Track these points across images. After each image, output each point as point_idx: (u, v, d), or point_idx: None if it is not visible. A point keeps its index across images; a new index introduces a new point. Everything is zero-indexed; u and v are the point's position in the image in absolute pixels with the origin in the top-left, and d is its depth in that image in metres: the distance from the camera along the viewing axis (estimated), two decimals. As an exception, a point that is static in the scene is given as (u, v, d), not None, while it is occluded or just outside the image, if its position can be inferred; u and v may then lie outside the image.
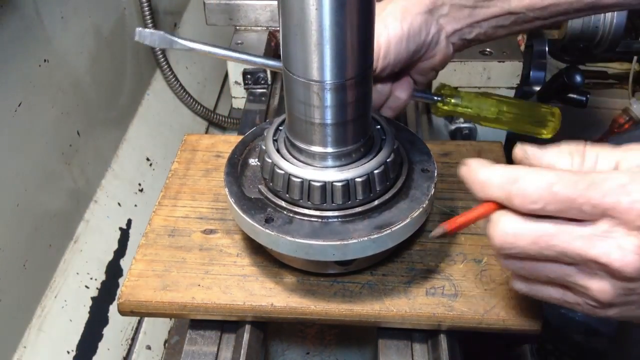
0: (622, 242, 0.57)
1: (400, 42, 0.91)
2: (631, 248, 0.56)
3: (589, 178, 0.57)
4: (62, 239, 1.31)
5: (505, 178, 0.60)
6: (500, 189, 0.60)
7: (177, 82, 1.80)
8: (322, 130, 0.77)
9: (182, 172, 1.04)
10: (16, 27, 1.14)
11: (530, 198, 0.58)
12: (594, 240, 0.58)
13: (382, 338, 0.86)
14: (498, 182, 0.60)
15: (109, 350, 1.32)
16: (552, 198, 0.57)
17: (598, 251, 0.57)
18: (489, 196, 0.61)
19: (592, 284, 0.60)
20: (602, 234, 0.57)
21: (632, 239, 0.56)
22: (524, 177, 0.58)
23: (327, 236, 0.76)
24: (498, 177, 0.60)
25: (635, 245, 0.56)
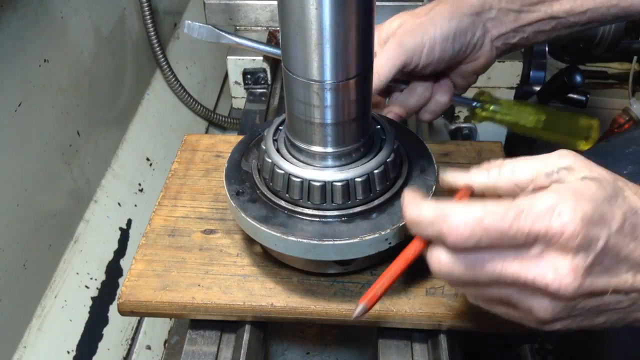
0: (557, 263, 0.57)
1: (446, 41, 0.92)
2: (566, 269, 0.56)
3: (517, 206, 0.57)
4: (62, 239, 1.31)
5: (434, 217, 0.59)
6: (432, 228, 0.59)
7: (177, 82, 1.80)
8: (322, 130, 0.77)
9: (182, 172, 1.04)
10: (16, 27, 1.14)
11: (462, 236, 0.57)
12: (529, 264, 0.58)
13: (382, 338, 0.86)
14: (428, 220, 0.60)
15: (109, 350, 1.32)
16: (484, 233, 0.57)
17: (534, 274, 0.57)
18: (422, 234, 0.61)
19: (533, 304, 0.60)
20: (536, 256, 0.57)
21: (567, 259, 0.56)
22: (453, 215, 0.58)
23: (327, 236, 0.76)
24: (428, 216, 0.60)
25: (570, 266, 0.56)
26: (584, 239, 0.56)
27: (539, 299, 0.59)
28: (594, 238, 0.56)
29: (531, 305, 0.60)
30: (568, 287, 0.57)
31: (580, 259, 0.56)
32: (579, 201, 0.56)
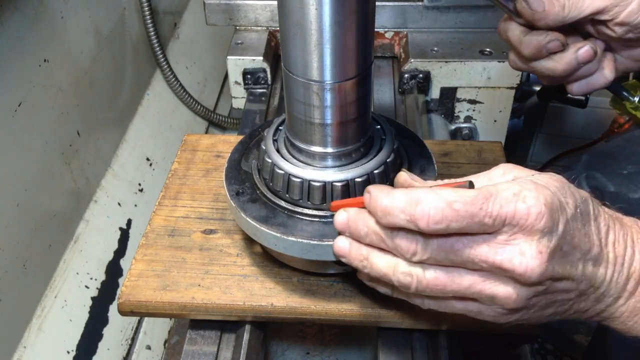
0: (523, 247, 0.58)
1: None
2: (532, 253, 0.58)
3: (485, 191, 0.58)
4: (62, 239, 1.31)
5: (407, 202, 0.59)
6: (403, 214, 0.59)
7: (177, 82, 1.80)
8: (322, 130, 0.77)
9: (182, 172, 1.04)
10: (16, 27, 1.14)
11: (433, 219, 0.58)
12: (496, 248, 0.59)
13: (382, 338, 0.86)
14: (400, 207, 0.59)
15: (109, 350, 1.32)
16: (454, 216, 0.57)
17: (501, 257, 0.59)
18: (393, 222, 0.61)
19: (498, 291, 0.61)
20: (504, 241, 0.59)
21: (532, 243, 0.58)
22: (424, 199, 0.58)
23: (327, 236, 0.76)
24: (400, 202, 0.60)
25: (535, 249, 0.58)
26: (548, 222, 0.58)
27: (504, 285, 0.61)
28: (555, 222, 0.59)
29: (495, 293, 0.61)
30: (534, 271, 0.58)
31: (545, 243, 0.58)
32: (539, 188, 0.59)
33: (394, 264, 0.64)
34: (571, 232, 0.60)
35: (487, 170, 0.67)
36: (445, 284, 0.62)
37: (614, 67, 0.86)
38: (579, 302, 0.65)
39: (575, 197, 0.62)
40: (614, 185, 1.42)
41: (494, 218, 0.58)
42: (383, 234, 0.63)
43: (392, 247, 0.63)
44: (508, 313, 0.64)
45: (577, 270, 0.62)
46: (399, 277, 0.64)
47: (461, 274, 0.62)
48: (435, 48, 1.45)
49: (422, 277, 0.62)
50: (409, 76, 1.44)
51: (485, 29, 1.47)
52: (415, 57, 1.44)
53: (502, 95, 1.46)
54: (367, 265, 0.66)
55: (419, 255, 0.61)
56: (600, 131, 2.00)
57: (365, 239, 0.65)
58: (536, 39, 0.81)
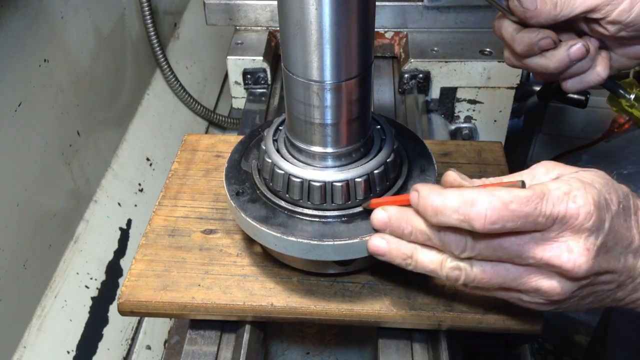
0: (571, 244, 0.60)
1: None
2: (580, 250, 0.60)
3: (539, 191, 0.60)
4: (62, 239, 1.31)
5: (461, 202, 0.60)
6: (457, 214, 0.60)
7: (177, 82, 1.80)
8: (322, 130, 0.77)
9: (182, 172, 1.04)
10: (16, 27, 1.14)
11: (489, 219, 0.59)
12: (545, 245, 0.61)
13: (382, 338, 0.86)
14: (454, 207, 0.60)
15: (109, 350, 1.32)
16: (510, 216, 0.59)
17: (550, 254, 0.61)
18: (445, 222, 0.61)
19: (543, 284, 0.63)
20: (552, 238, 0.61)
21: (580, 241, 0.60)
22: (480, 200, 0.59)
23: (326, 236, 0.76)
24: (453, 202, 0.60)
25: (583, 246, 0.60)
26: (596, 221, 0.60)
27: (549, 279, 0.63)
28: (602, 220, 0.61)
29: (540, 286, 0.63)
30: (582, 267, 0.60)
31: (592, 241, 0.60)
32: (587, 187, 0.61)
33: (441, 259, 0.65)
34: (615, 228, 0.62)
35: (530, 169, 0.68)
36: (491, 277, 0.64)
37: (608, 65, 0.86)
38: (616, 292, 0.67)
39: (618, 193, 0.64)
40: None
41: (547, 217, 0.59)
42: (430, 232, 0.64)
43: (440, 245, 0.64)
44: (550, 304, 0.66)
45: (619, 263, 0.64)
46: (446, 271, 0.65)
47: (507, 269, 0.63)
48: (435, 48, 1.45)
49: (469, 271, 0.64)
50: (409, 76, 1.44)
51: (485, 29, 1.47)
52: (415, 57, 1.44)
53: (502, 95, 1.46)
54: (411, 262, 0.67)
55: (468, 252, 0.63)
56: (600, 131, 2.00)
57: (408, 237, 0.66)
58: (528, 37, 0.82)
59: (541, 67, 0.84)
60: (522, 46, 0.83)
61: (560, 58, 0.82)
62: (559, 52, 0.82)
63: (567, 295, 0.64)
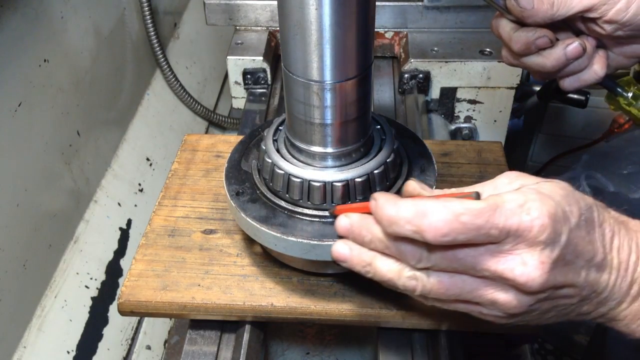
0: (525, 257, 0.59)
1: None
2: (534, 263, 0.59)
3: (492, 203, 0.59)
4: (62, 239, 1.31)
5: (414, 213, 0.59)
6: (410, 225, 0.59)
7: (177, 82, 1.80)
8: (322, 130, 0.77)
9: (182, 172, 1.04)
10: (16, 27, 1.14)
11: (441, 231, 0.58)
12: (499, 257, 0.60)
13: (382, 338, 0.86)
14: (407, 218, 0.60)
15: (109, 350, 1.32)
16: (461, 229, 0.58)
17: (504, 267, 0.59)
18: (399, 232, 0.61)
19: (499, 297, 0.62)
20: (507, 251, 0.60)
21: (535, 254, 0.59)
22: (431, 211, 0.58)
23: (326, 236, 0.76)
24: (406, 213, 0.60)
25: (537, 260, 0.59)
26: (551, 234, 0.58)
27: (505, 292, 0.62)
28: (558, 233, 0.59)
29: (496, 299, 0.62)
30: (535, 281, 0.59)
31: (547, 254, 0.59)
32: (543, 199, 0.59)
33: (398, 269, 0.64)
34: (575, 240, 0.61)
35: (493, 179, 0.67)
36: (448, 288, 0.63)
37: (606, 63, 0.86)
38: (581, 306, 0.66)
39: (580, 204, 0.62)
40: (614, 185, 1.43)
41: (500, 230, 0.58)
42: (387, 241, 0.63)
43: (397, 254, 0.63)
44: (508, 317, 0.65)
45: (580, 277, 0.62)
46: (404, 281, 0.64)
47: (464, 280, 0.62)
48: (435, 48, 1.45)
49: (426, 281, 0.63)
50: (409, 76, 1.44)
51: (485, 29, 1.47)
52: (415, 57, 1.44)
53: (502, 95, 1.46)
54: (370, 270, 0.66)
55: (424, 263, 0.62)
56: (600, 131, 2.00)
57: (368, 245, 0.66)
58: (525, 36, 0.82)
59: (538, 65, 0.85)
60: (519, 45, 0.83)
61: (557, 57, 0.83)
62: (555, 51, 0.83)
63: (525, 309, 0.62)
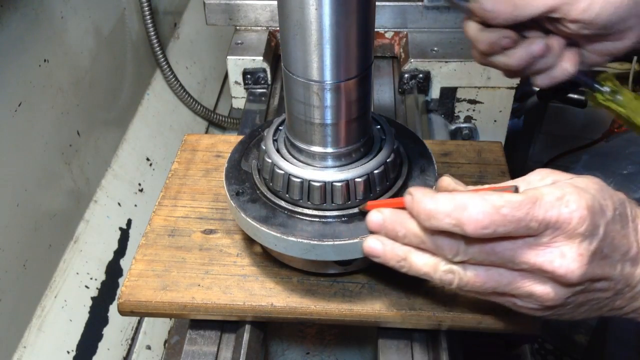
0: (564, 250, 0.60)
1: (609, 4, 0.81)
2: (573, 255, 0.60)
3: (531, 196, 0.59)
4: (62, 239, 1.31)
5: (453, 206, 0.60)
6: (450, 218, 0.60)
7: (177, 82, 1.80)
8: (321, 130, 0.77)
9: (182, 172, 1.04)
10: (16, 27, 1.14)
11: (481, 224, 0.58)
12: (538, 250, 0.61)
13: (382, 338, 0.86)
14: (446, 211, 0.60)
15: (109, 350, 1.32)
16: (502, 221, 0.58)
17: (543, 259, 0.60)
18: (437, 226, 0.61)
19: (536, 289, 0.63)
20: (545, 243, 0.60)
21: (573, 246, 0.60)
22: (472, 204, 0.59)
23: (326, 236, 0.76)
24: (446, 206, 0.60)
25: (576, 252, 0.60)
26: (589, 227, 0.59)
27: (543, 284, 0.62)
28: (596, 226, 0.60)
29: (533, 291, 0.63)
30: (574, 273, 0.60)
31: (585, 246, 0.60)
32: (581, 192, 0.60)
33: (434, 262, 0.65)
34: (611, 234, 0.62)
35: (525, 176, 0.68)
36: (485, 281, 0.64)
37: (576, 61, 0.88)
38: (614, 300, 0.66)
39: (614, 199, 0.63)
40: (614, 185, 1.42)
41: (539, 222, 0.59)
42: (423, 235, 0.64)
43: (433, 248, 0.64)
44: (544, 309, 0.65)
45: (615, 270, 0.63)
46: (440, 275, 0.65)
47: (501, 273, 0.63)
48: (435, 48, 1.45)
49: (463, 275, 0.64)
50: (409, 76, 1.44)
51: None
52: (415, 57, 1.44)
53: (502, 95, 1.46)
54: (405, 265, 0.67)
55: (461, 256, 0.63)
56: (600, 131, 2.00)
57: (402, 240, 0.66)
58: (489, 36, 0.85)
59: (504, 64, 0.88)
60: (484, 45, 0.86)
61: (520, 56, 0.85)
62: (518, 51, 0.85)
63: (561, 301, 0.63)
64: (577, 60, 0.89)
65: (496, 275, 0.63)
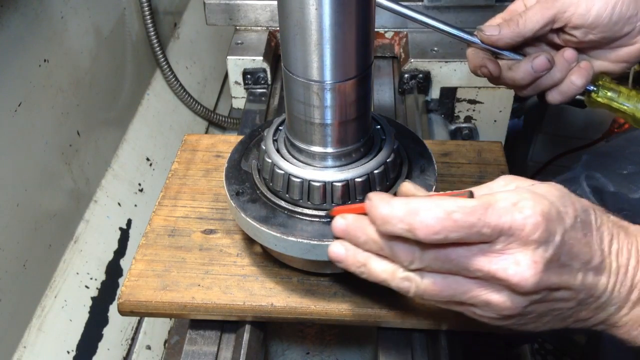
0: (518, 257, 0.58)
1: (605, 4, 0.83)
2: (527, 263, 0.58)
3: (484, 201, 0.58)
4: (62, 239, 1.31)
5: (406, 211, 0.59)
6: (402, 223, 0.59)
7: (177, 82, 1.80)
8: (321, 130, 0.77)
9: (182, 172, 1.04)
10: (16, 27, 1.14)
11: (432, 229, 0.58)
12: (491, 257, 0.59)
13: (382, 338, 0.86)
14: (399, 216, 0.59)
15: (109, 350, 1.32)
16: (453, 226, 0.57)
17: (496, 267, 0.59)
18: (392, 231, 0.61)
19: (492, 298, 0.61)
20: (499, 250, 0.59)
21: (527, 253, 0.58)
22: (424, 209, 0.58)
23: (326, 236, 0.76)
24: (399, 211, 0.60)
25: (530, 259, 0.58)
26: (544, 233, 0.58)
27: (498, 293, 0.61)
28: (552, 233, 0.59)
29: (489, 300, 0.61)
30: (528, 281, 0.58)
31: (540, 253, 0.58)
32: (537, 199, 0.59)
33: (392, 269, 0.64)
34: (570, 242, 0.60)
35: (490, 182, 0.67)
36: (441, 289, 0.62)
37: (585, 74, 0.89)
38: (579, 311, 0.65)
39: (576, 206, 0.62)
40: (614, 185, 1.42)
41: (492, 228, 0.58)
42: (381, 241, 0.63)
43: (390, 255, 0.63)
44: (503, 318, 0.64)
45: (576, 280, 0.61)
46: (397, 282, 0.64)
47: (457, 281, 0.62)
48: (435, 48, 1.45)
49: (419, 282, 0.63)
50: (409, 76, 1.44)
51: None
52: (415, 57, 1.44)
53: (502, 95, 1.46)
54: (365, 271, 0.66)
55: (417, 264, 0.62)
56: (600, 131, 2.00)
57: (363, 246, 0.65)
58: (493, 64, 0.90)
59: (510, 80, 0.90)
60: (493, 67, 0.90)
61: (525, 69, 0.88)
62: (523, 65, 0.88)
63: (519, 311, 0.62)
64: (587, 74, 0.89)
65: (453, 284, 0.62)
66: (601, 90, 0.94)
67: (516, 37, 0.87)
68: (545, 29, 0.86)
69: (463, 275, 0.62)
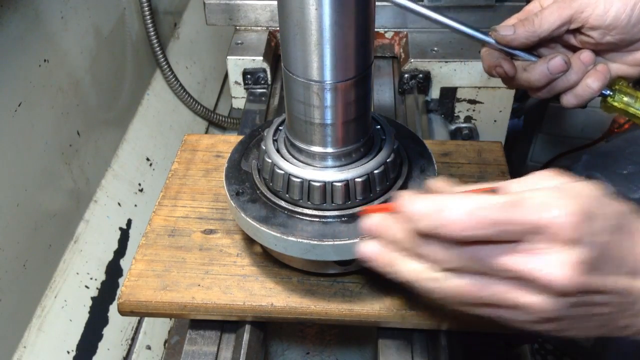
0: (549, 256, 0.57)
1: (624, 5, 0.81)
2: (558, 262, 0.56)
3: (513, 198, 0.57)
4: (62, 239, 1.31)
5: (432, 209, 0.58)
6: (429, 221, 0.58)
7: (177, 82, 1.80)
8: (321, 130, 0.77)
9: (182, 172, 1.04)
10: (16, 27, 1.14)
11: (459, 226, 0.56)
12: (520, 256, 0.57)
13: (382, 338, 0.86)
14: (426, 213, 0.58)
15: (109, 350, 1.32)
16: (480, 223, 0.56)
17: (524, 267, 0.57)
18: (418, 229, 0.60)
19: (523, 299, 0.59)
20: (528, 250, 0.57)
21: (559, 253, 0.57)
22: (450, 206, 0.57)
23: (326, 236, 0.76)
24: (426, 209, 0.58)
25: (562, 259, 0.56)
26: (574, 232, 0.56)
27: (530, 294, 0.59)
28: (583, 232, 0.57)
29: (519, 301, 0.60)
30: (559, 281, 0.56)
31: (573, 254, 0.57)
32: (568, 197, 0.57)
33: (419, 270, 0.63)
34: (605, 244, 0.58)
35: (524, 177, 0.65)
36: (469, 290, 0.61)
37: (602, 77, 0.87)
38: (617, 318, 0.63)
39: (610, 208, 0.60)
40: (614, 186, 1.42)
41: (519, 225, 0.56)
42: (409, 240, 0.62)
43: (418, 254, 0.62)
44: (537, 322, 0.62)
45: (613, 283, 0.60)
46: (424, 283, 0.63)
47: (485, 282, 0.60)
48: (435, 48, 1.45)
49: (446, 284, 0.62)
50: (409, 76, 1.44)
51: (485, 29, 1.47)
52: (415, 57, 1.44)
53: (502, 95, 1.46)
54: (392, 270, 0.65)
55: (443, 263, 0.61)
56: (600, 131, 2.00)
57: (392, 245, 0.65)
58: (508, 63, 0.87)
59: (526, 81, 0.88)
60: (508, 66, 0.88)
61: (541, 71, 0.86)
62: (538, 66, 0.86)
63: (554, 313, 0.60)
64: (603, 78, 0.87)
65: (480, 285, 0.60)
66: (617, 94, 0.92)
67: (531, 36, 0.85)
68: (561, 29, 0.85)
69: (492, 276, 0.60)
